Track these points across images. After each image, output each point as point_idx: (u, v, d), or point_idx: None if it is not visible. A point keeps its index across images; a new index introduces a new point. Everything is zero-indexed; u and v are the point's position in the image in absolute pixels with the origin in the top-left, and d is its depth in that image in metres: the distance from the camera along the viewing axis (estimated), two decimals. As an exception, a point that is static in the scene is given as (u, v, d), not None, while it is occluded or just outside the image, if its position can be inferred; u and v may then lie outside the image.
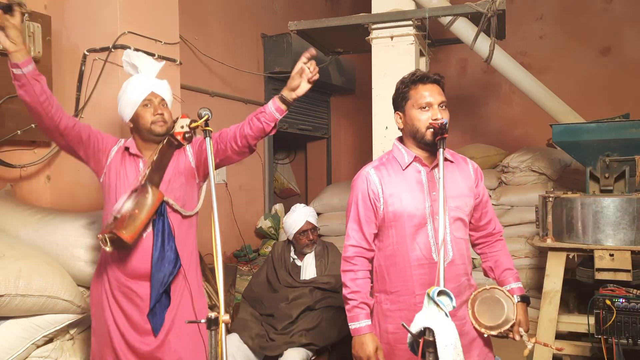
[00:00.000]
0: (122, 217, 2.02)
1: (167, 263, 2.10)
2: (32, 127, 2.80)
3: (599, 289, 2.79)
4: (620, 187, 3.12)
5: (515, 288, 2.00)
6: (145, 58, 2.27)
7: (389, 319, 1.98)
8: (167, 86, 2.24)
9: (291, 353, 2.85)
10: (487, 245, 2.12)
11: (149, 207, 2.05)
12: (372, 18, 3.38)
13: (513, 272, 2.05)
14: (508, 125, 5.69)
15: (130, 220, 2.01)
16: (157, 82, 2.21)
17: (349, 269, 1.99)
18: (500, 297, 1.91)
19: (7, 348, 2.21)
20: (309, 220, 3.22)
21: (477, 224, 2.08)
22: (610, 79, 5.27)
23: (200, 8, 4.26)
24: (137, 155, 2.19)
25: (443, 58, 5.72)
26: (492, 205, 2.22)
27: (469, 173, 2.05)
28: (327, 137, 6.30)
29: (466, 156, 2.18)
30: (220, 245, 1.57)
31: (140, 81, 2.18)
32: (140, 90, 2.15)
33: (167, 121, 2.16)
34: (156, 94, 2.17)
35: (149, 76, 2.21)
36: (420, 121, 1.92)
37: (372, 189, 1.98)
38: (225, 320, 1.51)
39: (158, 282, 2.09)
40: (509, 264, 2.07)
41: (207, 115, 2.00)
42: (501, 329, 1.89)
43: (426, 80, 1.95)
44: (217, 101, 4.39)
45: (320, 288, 3.10)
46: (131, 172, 2.17)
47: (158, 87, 2.19)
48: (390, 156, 2.04)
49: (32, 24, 2.75)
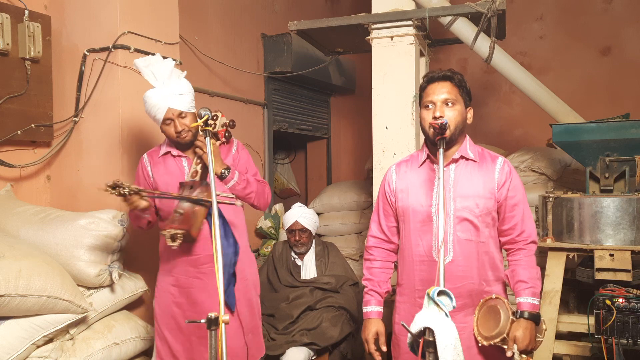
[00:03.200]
0: (186, 213, 2.11)
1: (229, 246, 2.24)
2: (32, 127, 2.81)
3: (599, 289, 2.79)
4: (620, 187, 3.12)
5: (524, 302, 1.91)
6: (157, 65, 2.26)
7: (396, 309, 2.08)
8: (182, 88, 2.27)
9: (293, 352, 2.85)
10: (510, 252, 2.03)
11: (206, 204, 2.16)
12: (372, 18, 3.38)
13: (527, 286, 1.93)
14: (508, 125, 5.69)
15: (194, 217, 2.11)
16: (174, 91, 2.24)
17: (367, 257, 2.15)
18: (502, 308, 1.88)
19: (7, 348, 2.21)
20: (298, 220, 3.21)
21: (501, 228, 2.02)
22: (610, 79, 5.27)
23: (200, 8, 4.26)
24: (180, 156, 2.36)
25: (443, 58, 5.72)
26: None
27: (492, 174, 1.98)
28: (327, 137, 6.29)
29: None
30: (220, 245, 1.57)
31: (157, 100, 2.23)
32: (157, 110, 2.24)
33: (191, 130, 2.27)
34: (174, 110, 2.23)
35: (165, 88, 2.23)
36: (425, 121, 1.95)
37: (389, 183, 2.10)
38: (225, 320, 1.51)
39: (226, 263, 2.21)
40: (526, 276, 1.94)
41: (207, 115, 2.03)
42: (492, 340, 1.86)
43: (434, 79, 1.97)
44: (217, 101, 4.39)
45: (321, 288, 3.10)
46: (175, 170, 2.35)
47: (174, 101, 2.23)
48: (415, 153, 2.13)
49: (32, 24, 2.75)
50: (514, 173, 2.03)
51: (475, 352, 1.94)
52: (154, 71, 2.23)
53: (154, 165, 2.41)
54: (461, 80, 1.98)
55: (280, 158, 6.45)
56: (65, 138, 2.99)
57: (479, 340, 1.90)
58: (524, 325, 1.87)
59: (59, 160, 3.05)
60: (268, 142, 5.13)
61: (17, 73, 2.74)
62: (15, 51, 2.72)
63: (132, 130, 2.94)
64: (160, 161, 2.40)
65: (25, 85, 2.77)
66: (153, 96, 2.24)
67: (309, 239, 3.26)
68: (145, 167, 2.42)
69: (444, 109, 1.91)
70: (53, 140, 3.01)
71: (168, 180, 2.34)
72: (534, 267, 1.98)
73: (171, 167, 2.38)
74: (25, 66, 2.77)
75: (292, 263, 3.27)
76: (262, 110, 5.06)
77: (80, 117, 2.97)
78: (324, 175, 6.35)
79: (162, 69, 2.24)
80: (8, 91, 2.68)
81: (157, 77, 2.24)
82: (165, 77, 2.24)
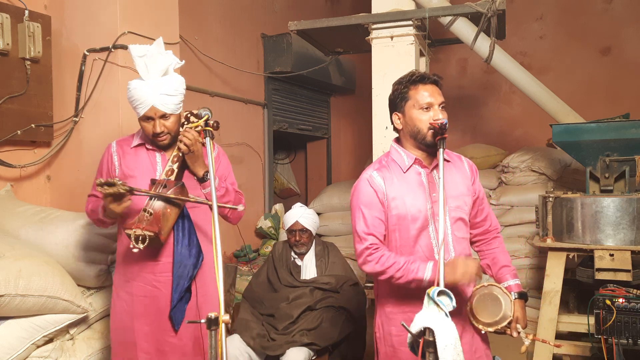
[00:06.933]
0: (156, 214, 1.93)
1: (190, 256, 2.07)
2: (32, 127, 2.81)
3: (599, 289, 2.79)
4: (620, 187, 3.12)
5: (513, 285, 2.01)
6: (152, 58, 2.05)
7: (392, 322, 1.97)
8: (171, 88, 2.04)
9: (293, 352, 2.85)
10: (484, 242, 2.12)
11: (180, 206, 2.02)
12: (372, 18, 3.38)
13: (510, 269, 2.05)
14: (508, 125, 5.69)
15: (164, 220, 1.95)
16: (160, 90, 2.01)
17: (372, 259, 1.88)
18: (498, 294, 1.93)
19: (7, 348, 2.21)
20: (299, 220, 3.21)
21: (474, 221, 2.08)
22: (610, 79, 5.27)
23: (200, 8, 4.26)
24: (155, 149, 2.14)
25: (443, 58, 5.72)
26: (492, 206, 2.21)
27: (465, 171, 2.05)
28: (327, 137, 6.30)
29: (466, 156, 2.18)
30: (220, 245, 1.57)
31: (140, 95, 2.00)
32: (138, 105, 2.02)
33: (170, 133, 2.07)
34: (157, 109, 2.01)
35: (153, 84, 2.01)
36: (421, 122, 1.91)
37: (377, 189, 1.93)
38: (225, 320, 1.50)
39: (181, 275, 2.06)
40: (507, 261, 2.08)
41: (207, 115, 2.01)
42: (499, 325, 1.91)
43: (426, 80, 1.94)
44: (217, 101, 4.39)
45: (321, 288, 3.10)
46: (147, 164, 2.12)
47: (159, 101, 2.00)
48: (389, 159, 2.01)
49: (32, 24, 2.75)
50: (475, 167, 2.12)
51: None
52: (147, 63, 2.03)
53: (122, 156, 2.14)
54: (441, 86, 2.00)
55: (280, 158, 6.45)
56: (65, 138, 2.99)
57: (480, 328, 1.93)
58: (520, 304, 1.97)
59: (59, 160, 3.05)
60: (268, 142, 5.13)
61: (17, 73, 2.74)
62: (15, 51, 2.72)
63: (132, 130, 2.92)
64: (131, 152, 2.15)
65: (25, 85, 2.77)
66: (138, 89, 2.01)
67: (309, 239, 3.26)
68: (111, 156, 2.15)
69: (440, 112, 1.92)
70: (53, 140, 3.01)
71: (137, 174, 2.10)
72: (507, 252, 2.13)
73: (142, 161, 2.13)
74: (25, 66, 2.77)
75: (292, 263, 3.27)
76: (262, 110, 5.06)
77: (80, 117, 2.97)
78: (324, 175, 6.35)
79: (157, 63, 2.04)
80: (8, 91, 2.68)
81: (149, 70, 2.03)
82: (157, 73, 2.03)
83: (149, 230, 1.89)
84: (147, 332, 2.11)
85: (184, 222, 2.08)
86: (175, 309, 2.07)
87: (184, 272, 2.06)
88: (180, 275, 2.06)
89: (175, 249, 2.07)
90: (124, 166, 2.12)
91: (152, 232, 1.90)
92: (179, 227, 2.06)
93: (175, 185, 1.99)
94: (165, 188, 1.98)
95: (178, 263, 2.06)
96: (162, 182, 1.99)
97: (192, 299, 2.13)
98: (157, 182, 2.00)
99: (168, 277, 2.08)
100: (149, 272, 2.10)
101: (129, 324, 2.13)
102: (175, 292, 2.06)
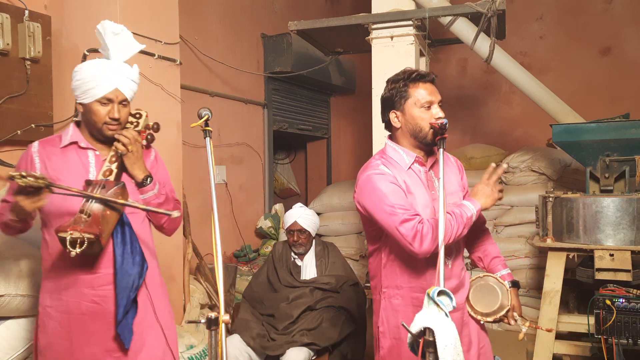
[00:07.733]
0: (95, 216, 1.71)
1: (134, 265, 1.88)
2: (32, 127, 2.80)
3: (599, 289, 2.79)
4: (620, 187, 3.12)
5: (505, 274, 2.07)
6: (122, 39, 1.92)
7: (400, 314, 1.95)
8: (136, 76, 1.94)
9: (293, 352, 2.85)
10: (473, 236, 2.15)
11: (119, 210, 1.84)
12: (372, 18, 3.38)
13: (501, 260, 2.12)
14: (508, 125, 5.69)
15: (104, 223, 1.73)
16: (126, 74, 1.89)
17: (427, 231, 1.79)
18: (494, 284, 1.98)
19: (7, 348, 2.21)
20: (297, 221, 3.21)
21: None
22: (610, 79, 5.27)
23: (200, 8, 4.26)
24: (89, 148, 1.94)
25: (443, 58, 5.72)
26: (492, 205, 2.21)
27: (455, 168, 2.09)
28: (327, 137, 6.30)
29: (467, 156, 2.19)
30: (220, 245, 1.57)
31: (105, 73, 1.84)
32: (99, 84, 1.84)
33: (122, 123, 1.92)
34: (120, 93, 1.87)
35: (119, 66, 1.88)
36: (423, 120, 1.89)
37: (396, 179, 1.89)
38: (225, 320, 1.50)
39: (126, 286, 1.86)
40: (497, 252, 2.15)
41: (207, 115, 1.96)
42: (497, 315, 1.95)
43: (426, 78, 1.94)
44: (217, 101, 4.39)
45: (321, 288, 3.10)
46: (78, 164, 1.91)
47: (124, 84, 1.88)
48: (387, 157, 1.98)
49: (32, 24, 2.75)
50: (460, 162, 2.16)
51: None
52: (119, 43, 1.88)
53: (47, 158, 1.90)
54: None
55: (280, 158, 6.46)
56: (65, 138, 2.99)
57: (479, 319, 1.97)
58: (515, 293, 2.04)
59: (59, 160, 3.05)
60: (268, 142, 5.14)
61: (17, 73, 2.73)
62: (15, 51, 2.72)
63: (132, 130, 2.94)
64: (59, 153, 1.92)
65: (25, 85, 2.77)
66: (101, 67, 1.84)
67: (308, 240, 3.26)
68: (32, 159, 1.90)
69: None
70: (53, 140, 3.01)
71: (65, 176, 1.86)
72: (495, 243, 2.21)
73: (72, 162, 1.91)
74: (25, 66, 2.77)
75: (292, 263, 3.27)
76: (262, 110, 5.07)
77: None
78: (324, 175, 6.35)
79: (128, 46, 1.91)
80: (8, 91, 2.68)
81: (117, 51, 1.89)
82: (123, 56, 1.91)
83: (88, 233, 1.66)
84: (90, 356, 1.87)
85: (124, 229, 1.88)
86: (121, 324, 1.84)
87: (129, 283, 1.85)
88: (125, 287, 1.85)
89: (117, 259, 1.85)
90: (49, 168, 1.89)
91: (92, 234, 1.67)
92: (118, 234, 1.86)
93: (116, 186, 1.79)
94: (104, 189, 1.77)
95: (121, 273, 1.85)
96: (100, 183, 1.79)
97: (148, 308, 1.97)
98: (93, 183, 1.80)
99: (110, 290, 1.86)
100: (86, 286, 1.86)
101: (66, 347, 1.87)
102: (119, 306, 1.84)
